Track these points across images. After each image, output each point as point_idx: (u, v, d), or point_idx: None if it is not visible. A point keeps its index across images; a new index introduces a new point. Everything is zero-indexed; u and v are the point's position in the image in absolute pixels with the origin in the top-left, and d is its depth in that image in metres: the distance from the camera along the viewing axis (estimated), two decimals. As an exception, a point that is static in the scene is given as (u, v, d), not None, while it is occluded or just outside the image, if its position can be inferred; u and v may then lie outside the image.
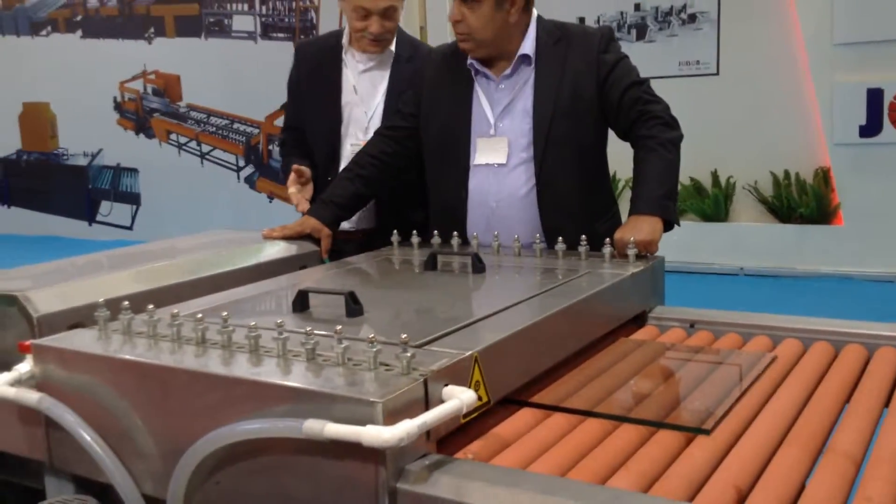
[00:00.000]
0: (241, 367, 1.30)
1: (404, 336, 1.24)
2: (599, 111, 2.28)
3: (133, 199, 9.81)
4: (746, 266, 6.54)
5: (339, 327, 1.30)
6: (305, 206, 2.60)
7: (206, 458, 1.28)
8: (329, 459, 1.18)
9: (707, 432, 1.32)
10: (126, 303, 1.54)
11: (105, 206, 10.01)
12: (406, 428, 1.10)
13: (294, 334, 1.36)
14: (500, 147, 2.29)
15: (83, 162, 10.06)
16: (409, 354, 1.23)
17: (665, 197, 2.15)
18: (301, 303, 1.62)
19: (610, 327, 1.81)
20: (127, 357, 1.40)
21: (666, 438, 1.32)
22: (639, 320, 1.96)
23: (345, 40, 2.69)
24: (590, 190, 2.32)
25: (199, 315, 1.44)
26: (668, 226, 2.14)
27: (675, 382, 1.58)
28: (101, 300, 1.57)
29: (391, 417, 1.14)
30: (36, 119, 10.31)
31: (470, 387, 1.30)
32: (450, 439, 1.29)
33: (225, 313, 1.41)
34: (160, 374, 1.35)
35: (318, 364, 1.29)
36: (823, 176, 6.40)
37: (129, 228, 9.85)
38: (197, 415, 1.31)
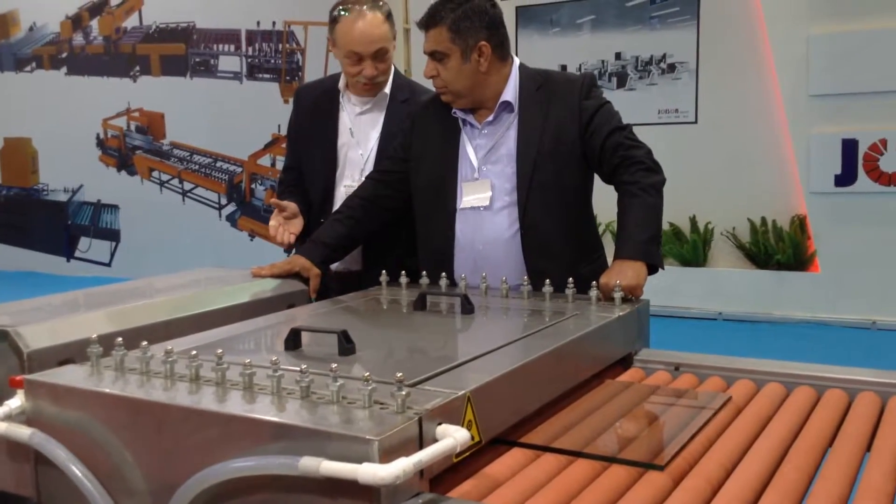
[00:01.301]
0: (236, 404, 1.31)
1: (400, 375, 1.26)
2: (582, 156, 2.33)
3: (113, 235, 9.76)
4: (724, 311, 6.61)
5: (334, 365, 1.32)
6: (286, 237, 2.61)
7: (199, 495, 1.29)
8: (323, 497, 1.19)
9: (661, 468, 1.36)
10: (120, 339, 1.54)
11: (84, 242, 9.96)
12: (402, 466, 1.12)
13: (288, 372, 1.38)
14: (483, 189, 2.34)
15: (63, 198, 10.02)
16: (403, 393, 1.25)
17: (649, 242, 2.20)
18: (293, 341, 1.64)
19: (597, 369, 1.84)
20: (120, 393, 1.40)
21: (655, 479, 1.34)
22: (624, 362, 1.99)
23: (341, 84, 2.74)
24: (574, 233, 2.37)
25: (194, 352, 1.45)
26: (652, 269, 2.18)
27: (659, 424, 1.60)
28: (93, 336, 1.58)
29: (386, 455, 1.15)
30: (17, 154, 10.28)
31: (462, 426, 1.32)
32: (441, 478, 1.30)
33: (220, 350, 1.43)
34: (153, 410, 1.36)
35: (312, 402, 1.30)
36: (800, 223, 6.52)
37: (108, 265, 9.79)
38: (190, 452, 1.31)
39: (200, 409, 1.31)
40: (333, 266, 2.69)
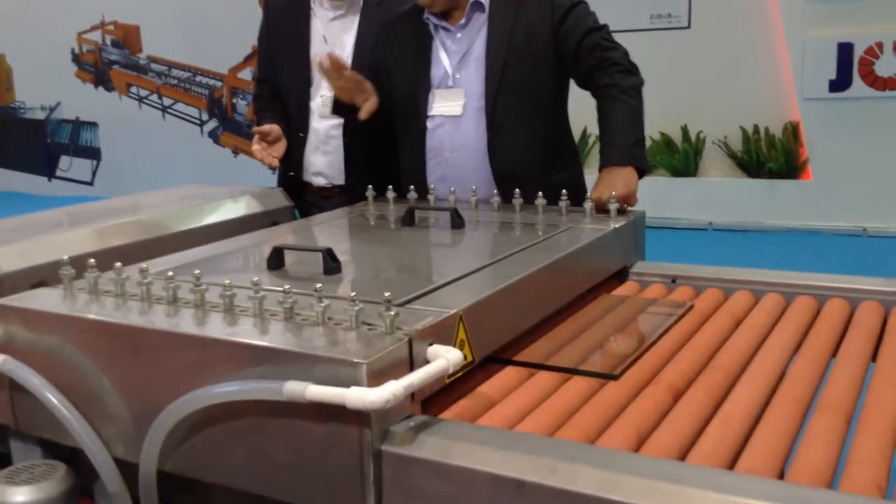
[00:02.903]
0: (216, 328, 1.25)
1: (388, 294, 1.19)
2: (555, 58, 2.24)
3: (93, 153, 9.58)
4: (715, 221, 6.58)
5: (318, 285, 1.25)
6: (272, 161, 2.53)
7: (181, 420, 1.24)
8: (310, 422, 1.14)
9: (615, 377, 1.35)
10: (92, 260, 1.47)
11: (65, 161, 9.78)
12: (392, 389, 1.06)
13: (271, 293, 1.31)
14: (456, 98, 2.27)
15: (41, 115, 9.79)
16: (392, 313, 1.18)
17: (634, 145, 2.13)
18: (276, 260, 1.57)
19: (592, 283, 1.78)
20: (94, 317, 1.34)
21: (654, 395, 1.29)
22: (620, 276, 1.93)
23: None
24: (544, 139, 2.28)
25: (170, 273, 1.38)
26: (640, 173, 2.11)
27: (640, 336, 1.56)
28: (65, 258, 1.50)
29: (376, 379, 1.09)
30: (-10, 72, 10.00)
31: (454, 346, 1.26)
32: (434, 399, 1.25)
33: (197, 271, 1.35)
34: (130, 334, 1.29)
35: (297, 324, 1.24)
36: (793, 131, 6.42)
37: (90, 184, 9.64)
38: (170, 377, 1.25)
39: (178, 332, 1.25)
40: (316, 181, 2.61)
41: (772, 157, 6.46)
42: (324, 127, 2.59)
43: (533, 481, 1.01)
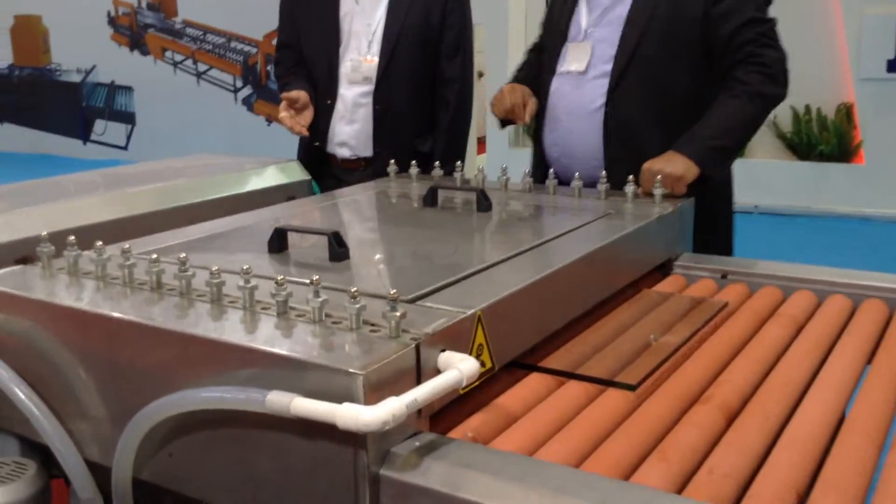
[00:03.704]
0: (199, 322, 1.09)
1: (394, 291, 1.02)
2: (700, 38, 1.97)
3: (128, 118, 9.52)
4: (761, 204, 6.30)
5: (316, 277, 1.08)
6: (301, 129, 2.37)
7: (157, 425, 1.08)
8: (299, 437, 0.98)
9: (633, 387, 1.18)
10: (72, 238, 1.32)
11: (99, 124, 9.74)
12: (391, 408, 0.89)
13: (265, 281, 1.15)
14: (583, 53, 2.08)
15: (77, 78, 9.74)
16: (398, 314, 1.01)
17: (716, 149, 1.88)
18: (278, 243, 1.40)
19: (631, 278, 1.59)
20: (67, 304, 1.18)
21: (700, 415, 1.11)
22: (663, 269, 1.74)
23: None
24: (671, 125, 1.98)
25: (154, 255, 1.22)
26: (702, 179, 1.88)
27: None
28: (44, 233, 1.35)
29: (374, 392, 0.93)
30: (28, 32, 9.96)
31: (471, 352, 1.09)
32: (445, 410, 1.08)
33: (183, 254, 1.19)
34: (105, 325, 1.14)
35: (289, 321, 1.08)
36: (846, 112, 6.11)
37: (125, 148, 9.59)
38: (147, 375, 1.10)
39: (157, 326, 1.09)
40: (340, 153, 2.45)
41: (823, 139, 6.17)
42: (352, 94, 2.42)
43: (556, 527, 0.84)
